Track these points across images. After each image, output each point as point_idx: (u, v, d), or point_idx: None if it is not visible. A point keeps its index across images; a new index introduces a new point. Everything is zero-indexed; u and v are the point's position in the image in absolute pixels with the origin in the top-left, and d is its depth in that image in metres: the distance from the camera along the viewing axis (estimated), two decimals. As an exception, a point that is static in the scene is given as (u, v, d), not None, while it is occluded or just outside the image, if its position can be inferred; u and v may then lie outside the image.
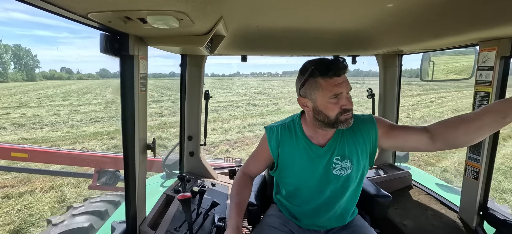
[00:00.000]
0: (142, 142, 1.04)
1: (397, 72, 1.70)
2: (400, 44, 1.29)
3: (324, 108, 0.87)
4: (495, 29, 0.85)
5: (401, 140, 0.92)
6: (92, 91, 26.85)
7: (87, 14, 0.60)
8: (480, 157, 1.12)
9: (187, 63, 1.59)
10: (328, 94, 0.85)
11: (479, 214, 1.17)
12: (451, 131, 0.80)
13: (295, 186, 1.04)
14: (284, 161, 1.04)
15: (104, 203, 2.60)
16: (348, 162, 0.97)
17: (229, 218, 0.93)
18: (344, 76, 0.86)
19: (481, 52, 1.06)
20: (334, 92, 0.85)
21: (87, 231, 2.22)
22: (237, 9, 0.82)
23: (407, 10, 0.82)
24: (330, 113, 0.87)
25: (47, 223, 2.47)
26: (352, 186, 1.00)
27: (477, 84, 1.10)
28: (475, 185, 1.15)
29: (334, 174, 0.97)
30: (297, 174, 1.02)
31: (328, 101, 0.86)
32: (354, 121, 0.96)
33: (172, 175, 2.65)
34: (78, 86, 38.29)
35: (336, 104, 0.86)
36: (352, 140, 0.97)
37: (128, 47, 0.85)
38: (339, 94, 0.86)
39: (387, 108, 1.79)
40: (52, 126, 10.01)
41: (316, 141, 0.99)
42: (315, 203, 1.02)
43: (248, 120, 10.71)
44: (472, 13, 0.77)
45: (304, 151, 0.99)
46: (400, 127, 0.95)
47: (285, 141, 1.03)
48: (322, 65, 0.85)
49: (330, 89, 0.85)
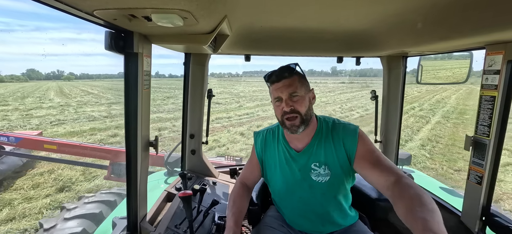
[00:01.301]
0: (145, 139, 1.05)
1: (402, 74, 1.69)
2: (404, 46, 1.28)
3: (275, 111, 0.99)
4: (502, 32, 0.84)
5: (366, 172, 0.89)
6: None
7: (92, 11, 0.61)
8: (484, 162, 1.10)
9: (190, 61, 1.59)
10: (273, 98, 0.98)
11: (482, 219, 1.16)
12: (397, 203, 0.75)
13: (279, 189, 1.07)
14: (268, 164, 1.08)
15: (98, 204, 2.58)
16: (326, 168, 0.96)
17: (226, 228, 0.93)
18: (284, 81, 0.94)
19: (488, 55, 1.05)
20: (274, 96, 0.96)
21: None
22: (241, 8, 0.82)
23: (412, 11, 0.81)
24: (277, 115, 0.98)
25: (39, 226, 2.43)
26: (335, 192, 0.98)
27: (483, 88, 1.09)
28: (478, 190, 1.14)
29: (314, 180, 0.98)
30: (279, 178, 1.04)
31: (274, 104, 0.98)
32: (335, 127, 0.99)
33: (174, 172, 2.67)
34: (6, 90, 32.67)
35: (278, 107, 0.96)
36: (330, 146, 0.97)
37: (132, 44, 0.86)
38: (279, 98, 0.94)
39: (390, 110, 1.77)
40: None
41: (294, 145, 1.02)
42: (302, 208, 1.02)
43: (214, 115, 12.20)
44: (479, 16, 0.76)
45: (283, 155, 1.03)
46: (374, 159, 0.89)
47: (268, 144, 1.09)
48: (270, 73, 0.99)
49: (273, 93, 0.97)
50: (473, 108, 13.50)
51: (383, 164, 0.87)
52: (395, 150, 1.83)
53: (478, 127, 1.12)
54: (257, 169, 1.12)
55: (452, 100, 19.83)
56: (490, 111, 1.06)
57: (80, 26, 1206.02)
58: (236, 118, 12.07)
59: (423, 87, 30.08)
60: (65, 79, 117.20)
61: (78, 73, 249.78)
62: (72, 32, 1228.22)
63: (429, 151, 7.33)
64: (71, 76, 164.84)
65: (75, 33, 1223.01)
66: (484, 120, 1.09)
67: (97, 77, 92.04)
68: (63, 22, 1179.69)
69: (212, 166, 1.90)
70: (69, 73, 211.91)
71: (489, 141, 1.08)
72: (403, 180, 0.79)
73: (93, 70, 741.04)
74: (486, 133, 1.08)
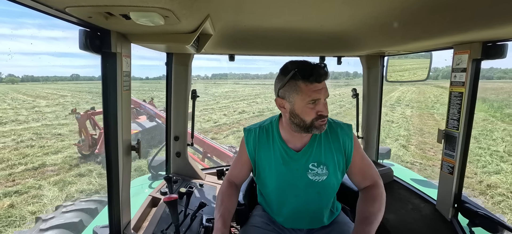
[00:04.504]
0: (126, 143, 1.01)
1: (380, 73, 1.77)
2: (382, 46, 1.34)
3: (301, 111, 0.88)
4: (467, 33, 0.91)
5: (352, 175, 1.03)
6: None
7: (64, 9, 0.57)
8: (455, 153, 1.19)
9: (173, 61, 1.55)
10: (306, 99, 0.86)
11: (454, 206, 1.25)
12: (359, 205, 0.98)
13: (273, 189, 1.04)
14: (261, 164, 1.03)
15: (78, 212, 2.43)
16: (324, 168, 0.97)
17: (214, 230, 0.90)
18: (324, 83, 0.88)
19: (455, 55, 1.13)
20: (313, 98, 0.86)
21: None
22: (224, 7, 0.82)
23: (387, 13, 0.85)
24: (306, 117, 0.88)
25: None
26: (329, 191, 1.01)
27: (452, 85, 1.17)
28: (450, 179, 1.23)
29: (310, 179, 0.98)
30: (274, 178, 1.02)
31: (306, 105, 0.87)
32: (332, 127, 1.00)
33: (159, 176, 2.59)
34: None
35: (313, 109, 0.87)
36: (328, 146, 0.98)
37: (110, 44, 0.82)
38: (317, 100, 0.87)
39: (370, 107, 1.86)
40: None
41: (292, 145, 0.99)
42: (293, 207, 1.02)
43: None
44: (447, 18, 0.82)
45: (280, 155, 1.00)
46: (362, 165, 1.02)
47: (262, 143, 1.03)
48: (305, 69, 0.86)
49: (309, 94, 0.85)
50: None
51: (367, 172, 1.01)
52: (376, 145, 1.92)
53: (448, 121, 1.20)
54: (247, 167, 1.08)
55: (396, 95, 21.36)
56: (459, 106, 1.14)
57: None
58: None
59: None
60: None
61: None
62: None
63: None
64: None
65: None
66: (454, 114, 1.17)
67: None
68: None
69: (199, 168, 1.86)
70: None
71: (458, 134, 1.16)
72: (374, 189, 0.98)
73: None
74: (456, 127, 1.17)
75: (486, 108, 14.47)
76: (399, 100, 19.16)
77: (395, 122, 10.76)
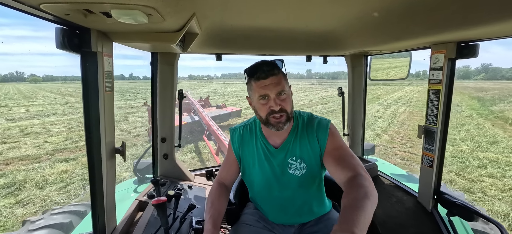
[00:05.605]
0: (110, 146, 0.97)
1: (364, 71, 1.83)
2: (365, 45, 1.39)
3: (258, 108, 0.95)
4: (443, 34, 0.96)
5: (330, 167, 0.94)
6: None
7: (39, 5, 0.53)
8: (434, 147, 1.26)
9: (158, 61, 1.51)
10: (257, 95, 0.92)
11: (434, 198, 1.31)
12: (344, 197, 0.77)
13: (258, 185, 1.07)
14: (246, 160, 1.07)
15: (68, 214, 2.34)
16: (302, 162, 1.00)
17: (205, 232, 0.90)
18: (272, 79, 0.90)
19: (433, 54, 1.19)
20: (261, 93, 0.91)
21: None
22: (210, 6, 0.81)
23: (371, 14, 0.88)
24: (261, 113, 0.94)
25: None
26: (312, 184, 1.03)
27: (430, 83, 1.23)
28: (430, 172, 1.29)
29: (291, 174, 1.01)
30: (258, 174, 1.05)
31: (258, 101, 0.93)
32: (310, 121, 1.02)
33: (145, 179, 2.51)
34: None
35: (265, 105, 0.92)
36: (305, 141, 1.00)
37: (90, 43, 0.78)
38: (266, 96, 0.91)
39: (355, 104, 1.92)
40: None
41: (272, 141, 1.03)
42: (279, 201, 1.05)
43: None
44: (424, 19, 0.86)
45: (262, 151, 1.03)
46: (338, 156, 0.92)
47: (246, 141, 1.07)
48: (252, 68, 0.93)
49: (258, 90, 0.91)
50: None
51: (345, 160, 0.89)
52: (361, 141, 1.98)
53: (427, 117, 1.27)
54: (235, 166, 1.11)
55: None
56: (436, 103, 1.21)
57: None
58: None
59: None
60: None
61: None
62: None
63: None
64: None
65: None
66: (432, 110, 1.24)
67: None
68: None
69: (187, 170, 1.83)
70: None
71: (437, 129, 1.23)
72: (357, 179, 0.81)
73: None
74: (434, 122, 1.23)
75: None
76: (398, 99, 19.36)
77: (382, 118, 11.11)
